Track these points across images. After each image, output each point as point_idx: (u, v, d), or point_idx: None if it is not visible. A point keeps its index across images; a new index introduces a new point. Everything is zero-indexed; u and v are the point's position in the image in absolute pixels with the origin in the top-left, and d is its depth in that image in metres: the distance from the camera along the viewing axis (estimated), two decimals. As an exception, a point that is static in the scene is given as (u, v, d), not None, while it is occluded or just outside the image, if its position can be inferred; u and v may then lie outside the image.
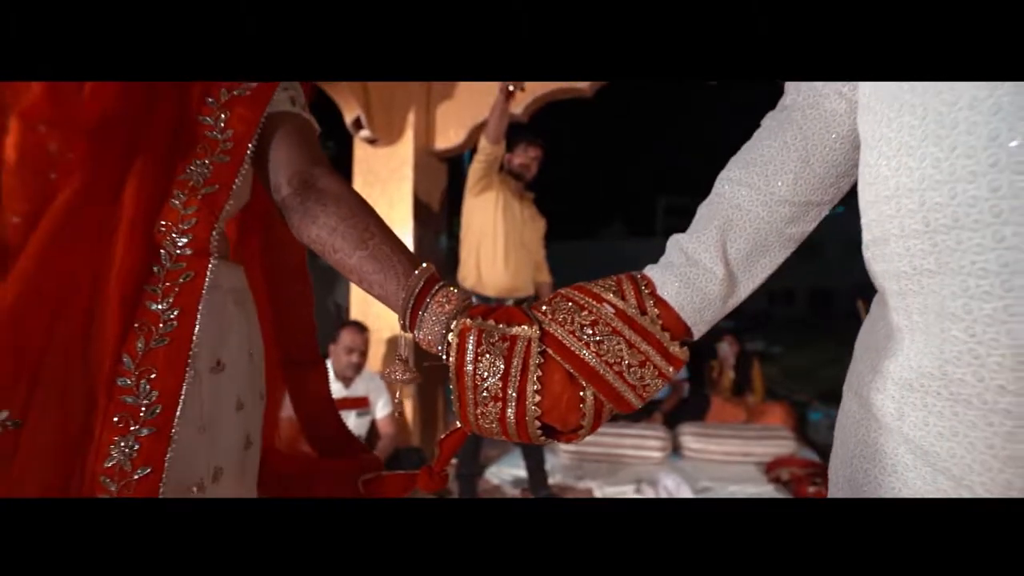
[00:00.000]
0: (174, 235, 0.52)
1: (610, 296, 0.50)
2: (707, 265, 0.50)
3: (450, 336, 0.50)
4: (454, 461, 2.60)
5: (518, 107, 2.87)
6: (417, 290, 0.52)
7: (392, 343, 3.13)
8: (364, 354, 2.78)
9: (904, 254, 0.39)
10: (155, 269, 0.50)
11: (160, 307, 0.50)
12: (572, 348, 0.49)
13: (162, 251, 0.52)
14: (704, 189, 0.57)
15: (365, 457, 0.78)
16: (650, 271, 0.53)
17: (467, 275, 2.68)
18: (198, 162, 0.53)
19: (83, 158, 0.48)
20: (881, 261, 0.42)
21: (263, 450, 0.71)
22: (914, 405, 0.39)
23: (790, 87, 0.53)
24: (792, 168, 0.50)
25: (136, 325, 0.48)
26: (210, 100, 0.55)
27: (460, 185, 2.80)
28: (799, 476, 2.71)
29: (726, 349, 4.01)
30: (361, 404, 2.78)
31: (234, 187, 0.54)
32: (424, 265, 0.54)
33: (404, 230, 3.18)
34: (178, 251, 0.52)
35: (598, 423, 0.50)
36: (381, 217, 0.58)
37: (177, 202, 0.52)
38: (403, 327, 0.53)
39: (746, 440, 3.21)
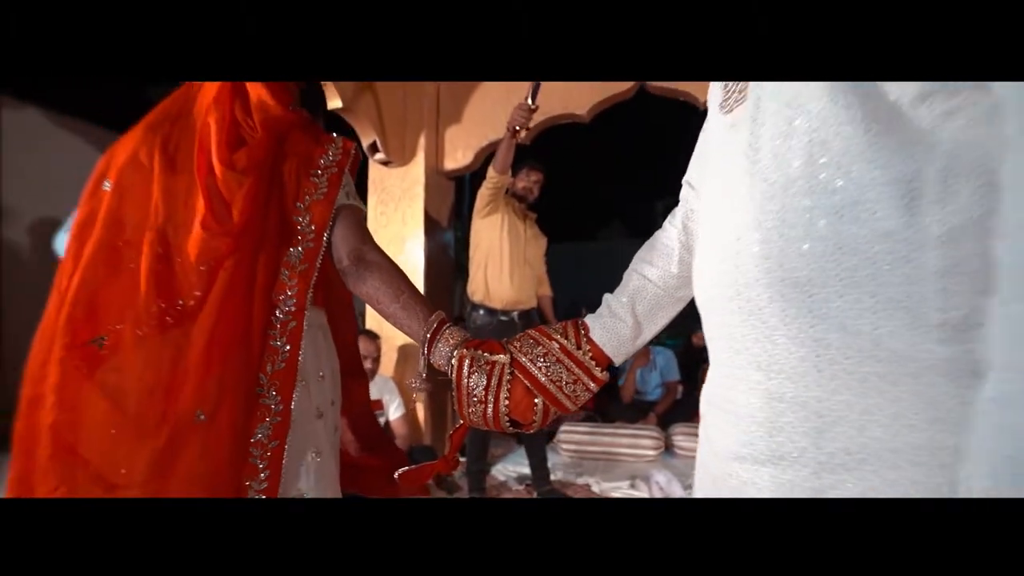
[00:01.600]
0: (284, 299, 0.80)
1: (557, 336, 0.76)
2: (622, 317, 0.75)
3: (452, 360, 0.75)
4: (463, 459, 2.86)
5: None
6: (432, 329, 0.79)
7: (402, 350, 3.32)
8: (377, 360, 2.96)
9: (704, 318, 0.61)
10: (273, 320, 0.79)
11: (278, 344, 0.78)
12: (531, 371, 0.73)
13: (277, 309, 0.80)
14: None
15: (395, 455, 1.03)
16: (588, 319, 0.78)
17: (476, 289, 2.84)
18: (294, 248, 0.81)
19: (232, 251, 0.76)
20: None
21: None
22: (709, 411, 0.58)
23: (681, 195, 0.78)
24: (678, 252, 0.74)
25: (266, 355, 0.76)
26: (299, 204, 0.83)
27: (463, 197, 2.93)
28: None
29: (717, 354, 4.20)
30: (375, 407, 2.95)
31: (317, 263, 0.82)
32: (436, 312, 0.81)
33: (415, 244, 3.38)
34: (287, 308, 0.80)
35: (545, 420, 0.75)
36: (408, 278, 0.86)
37: (284, 277, 0.80)
38: (422, 353, 0.79)
39: (734, 439, 3.41)
